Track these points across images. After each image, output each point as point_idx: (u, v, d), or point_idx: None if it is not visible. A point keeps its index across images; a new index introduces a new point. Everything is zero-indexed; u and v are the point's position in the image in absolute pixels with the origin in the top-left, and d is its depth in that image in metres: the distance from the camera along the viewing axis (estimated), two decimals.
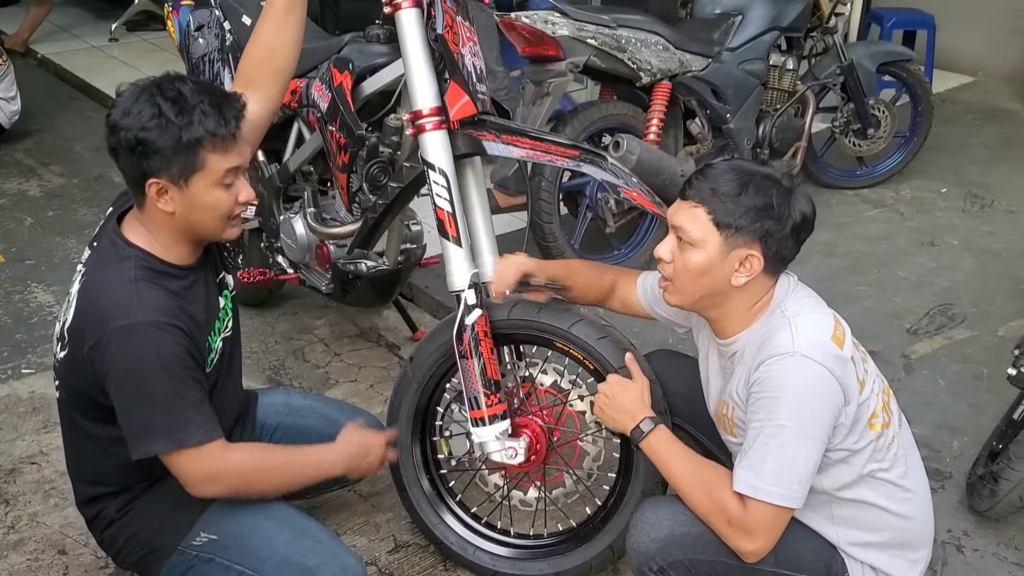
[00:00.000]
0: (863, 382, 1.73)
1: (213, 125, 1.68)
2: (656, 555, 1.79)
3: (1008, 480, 2.22)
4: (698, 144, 3.59)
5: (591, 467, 2.21)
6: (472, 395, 2.03)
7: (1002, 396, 2.64)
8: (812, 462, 1.68)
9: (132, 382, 1.69)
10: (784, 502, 1.67)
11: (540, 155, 2.12)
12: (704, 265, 1.71)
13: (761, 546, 1.71)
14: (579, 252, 3.39)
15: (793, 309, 1.74)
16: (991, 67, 5.74)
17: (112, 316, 1.68)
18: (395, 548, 2.39)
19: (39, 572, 2.29)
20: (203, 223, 1.77)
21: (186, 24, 2.92)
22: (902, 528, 1.82)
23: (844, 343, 1.72)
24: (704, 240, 1.70)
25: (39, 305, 3.47)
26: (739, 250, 1.69)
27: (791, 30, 3.71)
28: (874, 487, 1.78)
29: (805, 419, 1.65)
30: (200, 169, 1.70)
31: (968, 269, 3.61)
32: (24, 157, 4.78)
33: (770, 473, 1.66)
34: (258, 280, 3.00)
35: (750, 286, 1.73)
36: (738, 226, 1.68)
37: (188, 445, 1.72)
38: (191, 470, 1.75)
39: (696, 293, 1.75)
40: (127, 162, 1.70)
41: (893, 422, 1.80)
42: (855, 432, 1.72)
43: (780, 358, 1.67)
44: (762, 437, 1.67)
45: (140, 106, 1.67)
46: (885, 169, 4.30)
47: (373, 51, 2.44)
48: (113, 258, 1.76)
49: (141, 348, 1.67)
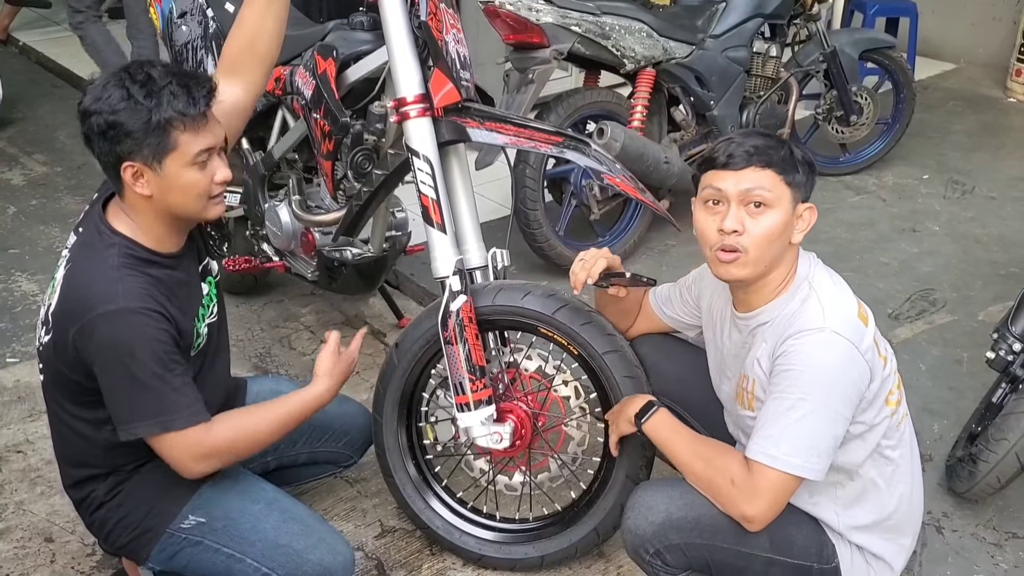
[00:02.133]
0: (886, 358, 1.77)
1: (182, 105, 1.69)
2: (652, 538, 1.80)
3: (986, 462, 2.25)
4: (682, 131, 3.60)
5: (576, 452, 2.23)
6: (457, 381, 2.05)
7: (981, 379, 2.68)
8: (834, 436, 1.68)
9: (118, 366, 1.70)
10: (799, 472, 1.67)
11: (524, 142, 2.12)
12: (782, 224, 1.72)
13: (763, 511, 1.69)
14: (564, 239, 3.40)
15: (819, 283, 1.76)
16: (973, 54, 5.78)
17: (95, 303, 1.69)
18: (381, 533, 2.40)
19: (26, 560, 2.29)
20: (181, 204, 1.77)
21: (169, 11, 2.90)
22: (897, 509, 1.84)
23: (868, 320, 1.75)
24: (779, 198, 1.71)
25: (23, 294, 3.46)
26: (800, 205, 1.75)
27: (774, 17, 3.72)
28: (879, 465, 1.80)
29: (832, 393, 1.66)
30: (173, 149, 1.71)
31: (949, 255, 3.64)
32: (7, 146, 4.75)
33: (789, 443, 1.66)
34: (243, 268, 3.00)
35: (791, 250, 1.77)
36: (799, 182, 1.73)
37: (174, 428, 1.73)
38: (180, 453, 1.76)
39: (767, 258, 1.73)
40: (101, 148, 1.71)
41: (903, 403, 1.83)
42: (874, 407, 1.74)
43: (810, 333, 1.68)
44: (785, 409, 1.67)
45: (109, 91, 1.69)
46: (868, 156, 4.33)
47: (357, 38, 2.43)
48: (98, 245, 1.77)
49: (125, 333, 1.68)
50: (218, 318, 1.98)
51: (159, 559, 1.92)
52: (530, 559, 2.23)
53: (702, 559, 1.80)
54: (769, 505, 1.70)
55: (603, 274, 1.96)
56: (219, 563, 1.89)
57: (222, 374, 2.06)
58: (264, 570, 1.87)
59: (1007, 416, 2.23)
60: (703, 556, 1.80)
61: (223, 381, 2.07)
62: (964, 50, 5.80)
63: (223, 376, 2.07)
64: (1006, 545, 2.31)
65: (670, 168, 3.33)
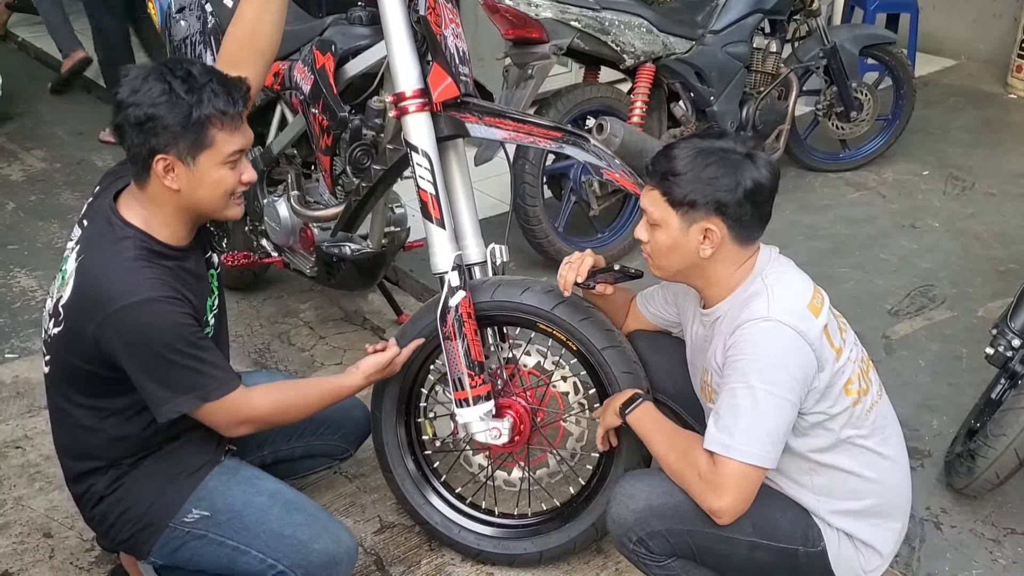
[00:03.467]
0: (839, 350, 1.78)
1: (223, 104, 1.72)
2: (635, 526, 1.82)
3: (985, 458, 2.25)
4: (682, 127, 3.60)
5: (574, 447, 2.23)
6: (456, 376, 2.04)
7: (980, 375, 2.68)
8: (784, 423, 1.71)
9: (149, 354, 1.73)
10: (756, 461, 1.70)
11: (523, 137, 2.12)
12: (670, 243, 1.78)
13: (730, 504, 1.72)
14: (563, 235, 3.40)
15: (773, 277, 1.79)
16: (973, 50, 5.77)
17: (117, 296, 1.71)
18: (381, 528, 2.40)
19: (25, 555, 2.29)
20: (207, 200, 1.80)
21: (167, 6, 2.89)
22: (880, 495, 1.85)
23: (820, 311, 1.76)
24: (664, 219, 1.78)
25: (22, 290, 3.45)
26: (697, 224, 1.75)
27: (774, 12, 3.72)
28: (852, 454, 1.81)
29: (777, 381, 1.69)
30: (209, 147, 1.73)
31: (949, 251, 3.64)
32: (5, 142, 4.75)
33: (742, 433, 1.69)
34: (242, 263, 3.00)
35: (725, 255, 1.78)
36: (690, 202, 1.74)
37: (212, 399, 1.78)
38: (220, 419, 1.83)
39: (672, 267, 1.83)
40: (134, 139, 1.72)
41: (872, 390, 1.85)
42: (829, 397, 1.76)
43: (755, 322, 1.72)
44: (735, 398, 1.71)
45: (150, 84, 1.70)
46: (868, 152, 4.32)
47: (356, 33, 2.43)
48: (111, 237, 1.77)
49: (153, 320, 1.71)
50: (220, 310, 2.00)
51: (161, 553, 1.92)
52: (529, 554, 2.23)
53: (685, 545, 1.82)
54: (734, 498, 1.72)
55: (591, 272, 1.99)
56: (223, 556, 1.89)
57: None
58: (270, 561, 1.87)
59: (1006, 412, 2.23)
60: (686, 542, 1.81)
61: None
62: (965, 46, 5.79)
63: None
64: (1004, 541, 2.31)
65: None
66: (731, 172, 1.72)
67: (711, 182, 1.72)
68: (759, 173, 1.73)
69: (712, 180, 1.72)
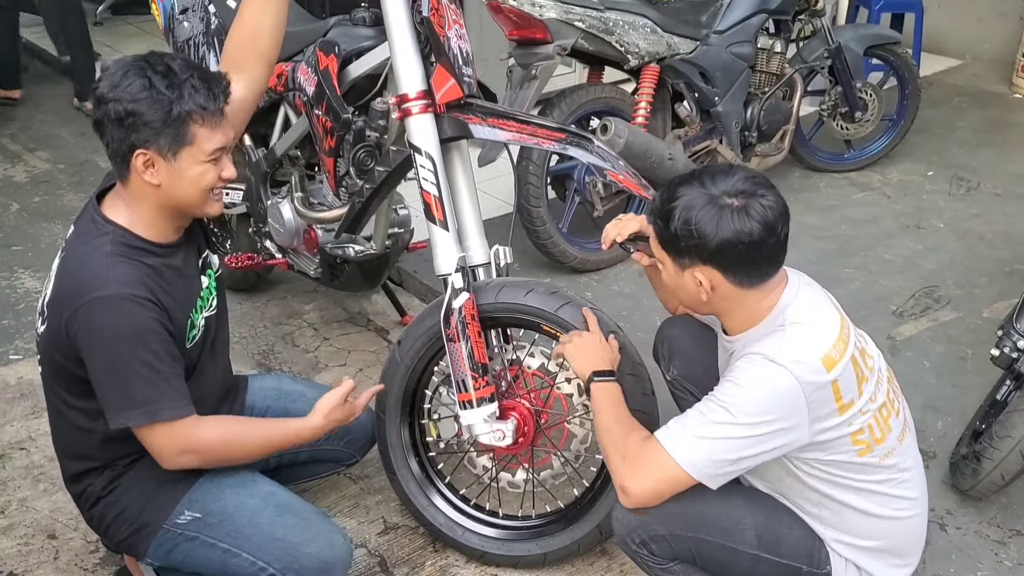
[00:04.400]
0: (846, 405, 1.69)
1: (203, 99, 1.72)
2: (638, 528, 1.81)
3: (990, 459, 2.24)
4: (686, 127, 3.59)
5: (578, 449, 2.22)
6: (460, 378, 2.04)
7: (986, 377, 2.67)
8: (735, 451, 1.67)
9: (108, 353, 1.71)
10: (685, 465, 1.68)
11: (527, 138, 2.12)
12: (671, 282, 1.77)
13: (639, 487, 1.72)
14: (567, 237, 3.40)
15: (794, 315, 1.71)
16: (979, 50, 5.75)
17: (87, 288, 1.70)
18: (385, 530, 2.40)
19: (30, 556, 2.29)
20: (188, 196, 1.79)
21: (171, 7, 2.89)
22: (891, 536, 1.82)
23: (837, 364, 1.66)
24: (662, 259, 1.76)
25: (26, 291, 3.46)
26: (689, 270, 1.71)
27: (779, 12, 3.71)
28: (862, 495, 1.77)
29: (751, 412, 1.65)
30: (189, 143, 1.73)
31: (954, 251, 3.63)
32: (9, 142, 4.75)
33: (691, 437, 1.69)
34: (246, 265, 3.00)
35: (731, 296, 1.72)
36: (678, 250, 1.70)
37: (161, 419, 1.74)
38: (163, 443, 1.78)
39: (684, 302, 1.81)
40: (114, 134, 1.72)
41: (891, 436, 1.76)
42: (827, 448, 1.71)
43: (759, 356, 1.67)
44: (707, 409, 1.69)
45: (129, 79, 1.70)
46: (872, 152, 4.31)
47: (359, 34, 2.43)
48: (92, 234, 1.78)
49: (116, 320, 1.69)
50: (217, 312, 1.98)
51: (157, 554, 1.93)
52: (533, 556, 2.23)
53: (688, 551, 1.81)
54: (644, 484, 1.72)
55: (632, 236, 2.00)
56: (215, 558, 1.89)
57: (222, 368, 2.06)
58: (260, 564, 1.86)
59: (1011, 413, 2.22)
60: (688, 548, 1.80)
61: (222, 376, 2.07)
62: (970, 46, 5.78)
63: (223, 371, 2.07)
64: (1010, 543, 2.30)
65: (674, 164, 3.31)
66: (713, 222, 1.64)
67: (694, 231, 1.65)
68: (744, 224, 1.63)
69: (694, 229, 1.65)
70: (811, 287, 1.79)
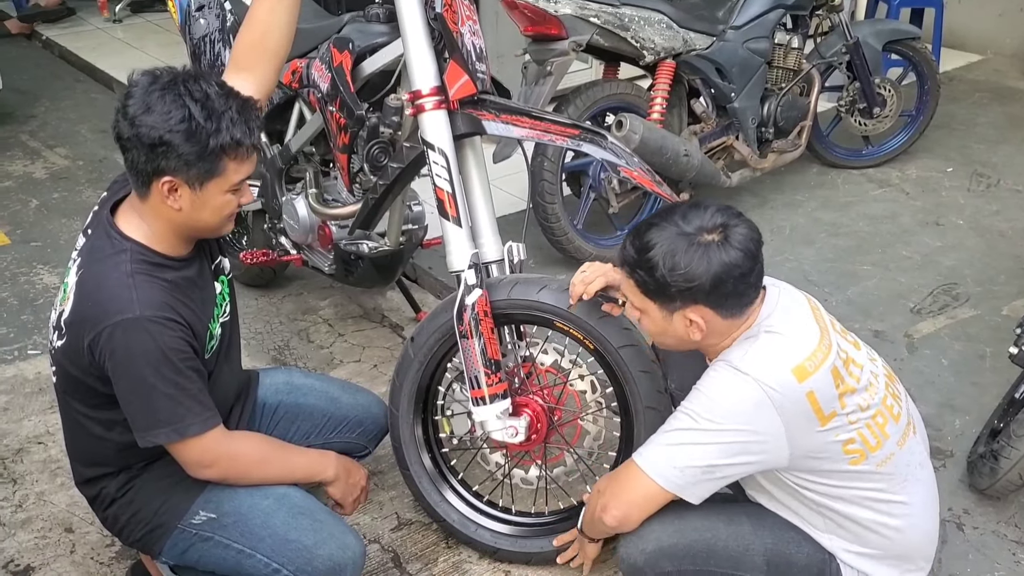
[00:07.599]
0: (828, 416, 1.67)
1: (240, 134, 1.69)
2: (645, 567, 1.81)
3: (1008, 458, 2.22)
4: (702, 123, 3.57)
5: (592, 446, 2.22)
6: (473, 375, 2.04)
7: (1004, 375, 2.64)
8: (703, 461, 1.68)
9: (134, 375, 1.71)
10: (653, 475, 1.69)
11: (540, 135, 2.11)
12: (657, 329, 1.77)
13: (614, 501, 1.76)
14: (582, 233, 3.39)
15: (768, 325, 1.71)
16: (1000, 45, 5.69)
17: (110, 311, 1.69)
18: (398, 526, 2.41)
19: (46, 550, 2.31)
20: (207, 222, 1.78)
21: (187, 4, 2.91)
22: (896, 541, 1.79)
23: (811, 376, 1.65)
24: (645, 308, 1.75)
25: (45, 287, 3.49)
26: (679, 313, 1.71)
27: (796, 8, 3.68)
28: (860, 503, 1.76)
29: (712, 418, 1.66)
30: (219, 175, 1.71)
31: (973, 248, 3.60)
32: (29, 139, 4.79)
33: (657, 446, 1.71)
34: (261, 261, 3.01)
35: (719, 329, 1.73)
36: (668, 296, 1.69)
37: (190, 435, 1.77)
38: (192, 456, 1.81)
39: (671, 346, 1.82)
40: (140, 156, 1.68)
41: (886, 443, 1.74)
42: (814, 458, 1.70)
43: (723, 363, 1.69)
44: (672, 417, 1.72)
45: (168, 106, 1.65)
46: (891, 148, 4.28)
47: (373, 31, 2.43)
48: (109, 251, 1.76)
49: (142, 342, 1.69)
50: (231, 316, 1.98)
51: (171, 554, 1.93)
52: (546, 552, 2.22)
53: None
54: (619, 495, 1.74)
55: (599, 293, 1.97)
56: (229, 558, 1.89)
57: (235, 369, 2.07)
58: (274, 565, 1.87)
59: None
60: None
61: (236, 376, 2.08)
62: (990, 41, 5.71)
63: (236, 371, 2.08)
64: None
65: (690, 161, 3.31)
66: (701, 259, 1.64)
67: (682, 274, 1.65)
68: (728, 255, 1.64)
69: (684, 272, 1.64)
70: (791, 299, 1.78)
